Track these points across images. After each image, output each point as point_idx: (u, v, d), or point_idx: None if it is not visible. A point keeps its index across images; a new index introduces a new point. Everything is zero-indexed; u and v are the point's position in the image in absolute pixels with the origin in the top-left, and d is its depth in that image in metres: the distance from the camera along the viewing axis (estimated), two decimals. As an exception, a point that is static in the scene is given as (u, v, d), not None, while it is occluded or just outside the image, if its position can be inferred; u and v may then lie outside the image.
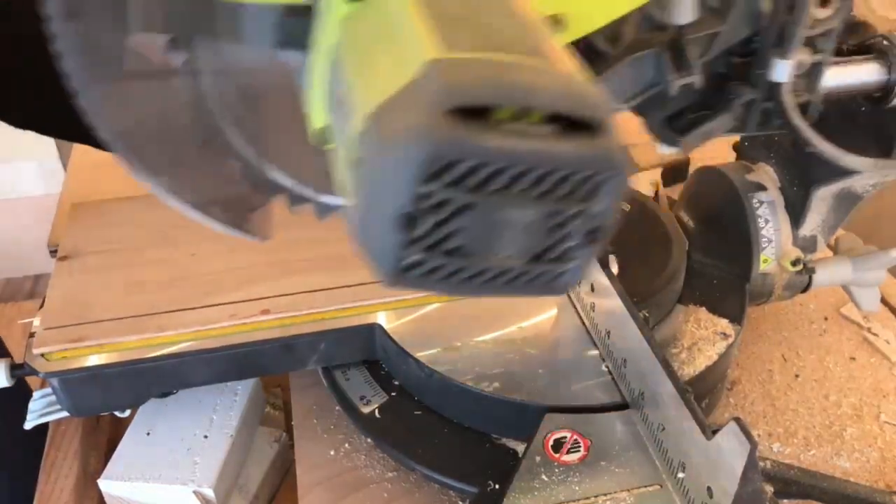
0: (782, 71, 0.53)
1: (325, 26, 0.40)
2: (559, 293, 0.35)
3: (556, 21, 0.42)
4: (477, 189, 0.30)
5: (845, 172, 0.64)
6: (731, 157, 0.76)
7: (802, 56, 0.54)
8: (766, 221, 0.69)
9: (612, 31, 0.51)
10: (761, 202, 0.69)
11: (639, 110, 0.57)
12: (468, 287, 0.33)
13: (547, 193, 0.30)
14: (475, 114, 0.29)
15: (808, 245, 0.70)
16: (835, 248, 0.76)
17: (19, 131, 0.77)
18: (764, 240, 0.69)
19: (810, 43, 0.55)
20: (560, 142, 0.29)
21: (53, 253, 0.89)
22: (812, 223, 0.69)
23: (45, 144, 1.79)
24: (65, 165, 1.80)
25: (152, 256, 0.73)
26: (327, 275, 0.68)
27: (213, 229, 0.55)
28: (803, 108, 0.57)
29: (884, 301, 0.78)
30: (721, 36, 0.53)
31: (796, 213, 0.69)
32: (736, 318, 0.67)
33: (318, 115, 0.41)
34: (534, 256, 0.33)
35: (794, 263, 0.69)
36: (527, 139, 0.29)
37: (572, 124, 0.30)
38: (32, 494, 0.66)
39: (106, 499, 0.67)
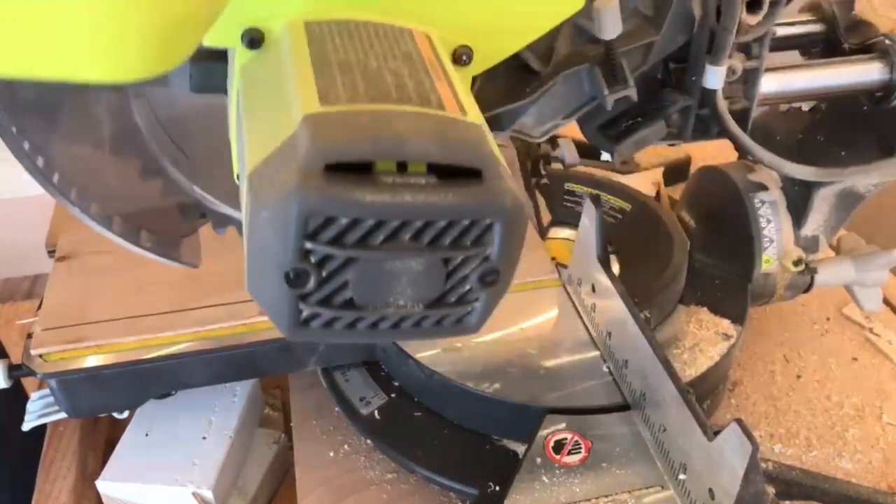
0: (714, 77, 0.53)
1: (231, 74, 0.40)
2: (469, 333, 0.34)
3: (461, 54, 0.42)
4: (358, 244, 0.29)
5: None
6: (732, 156, 0.76)
7: (735, 62, 0.53)
8: (768, 221, 0.69)
9: (545, 48, 0.50)
10: (763, 202, 0.69)
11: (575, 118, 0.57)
12: (373, 335, 0.33)
13: (432, 243, 0.30)
14: (357, 168, 0.28)
15: (810, 245, 0.70)
16: (837, 249, 0.76)
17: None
18: (766, 240, 0.69)
19: (745, 49, 0.54)
20: (439, 192, 0.29)
21: (51, 253, 0.88)
22: (814, 223, 0.68)
23: (45, 144, 1.77)
24: (65, 165, 1.79)
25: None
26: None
27: (142, 255, 0.56)
28: (742, 115, 0.56)
29: (886, 302, 0.78)
30: (657, 45, 0.53)
31: (798, 212, 0.68)
32: (738, 318, 0.67)
33: (236, 163, 0.41)
34: (432, 303, 0.32)
35: (796, 263, 0.69)
36: (404, 191, 0.29)
37: (455, 172, 0.29)
38: (31, 495, 0.66)
39: (104, 500, 0.67)
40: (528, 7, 0.43)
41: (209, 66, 0.42)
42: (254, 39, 0.39)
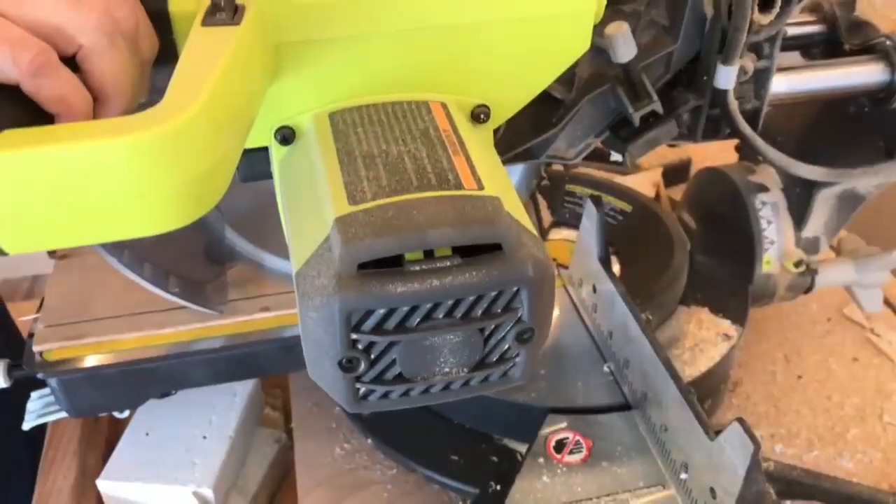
0: (726, 77, 0.53)
1: (273, 169, 0.44)
2: (515, 383, 0.37)
3: (479, 113, 0.44)
4: (398, 329, 0.33)
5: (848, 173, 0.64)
6: (733, 157, 0.76)
7: (746, 62, 0.53)
8: (769, 223, 0.69)
9: (567, 75, 0.50)
10: (764, 203, 0.69)
11: None
12: (426, 399, 0.37)
13: (465, 317, 0.34)
14: (388, 261, 0.32)
15: (811, 246, 0.70)
16: (837, 250, 0.76)
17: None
18: (766, 241, 0.69)
19: (756, 48, 0.54)
20: (463, 272, 0.32)
21: (52, 253, 0.88)
22: (815, 224, 0.69)
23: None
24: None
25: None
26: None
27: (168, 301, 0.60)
28: (753, 115, 0.56)
29: (886, 302, 0.78)
30: (676, 53, 0.53)
31: (799, 214, 0.69)
32: (738, 319, 0.67)
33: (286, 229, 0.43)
34: (474, 366, 0.36)
35: (797, 264, 0.69)
36: (431, 277, 0.32)
37: (478, 248, 0.33)
38: (31, 494, 0.66)
39: (104, 499, 0.67)
40: (536, 61, 0.45)
41: (253, 157, 0.44)
42: (286, 136, 0.42)
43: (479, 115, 0.44)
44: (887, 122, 0.63)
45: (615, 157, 0.56)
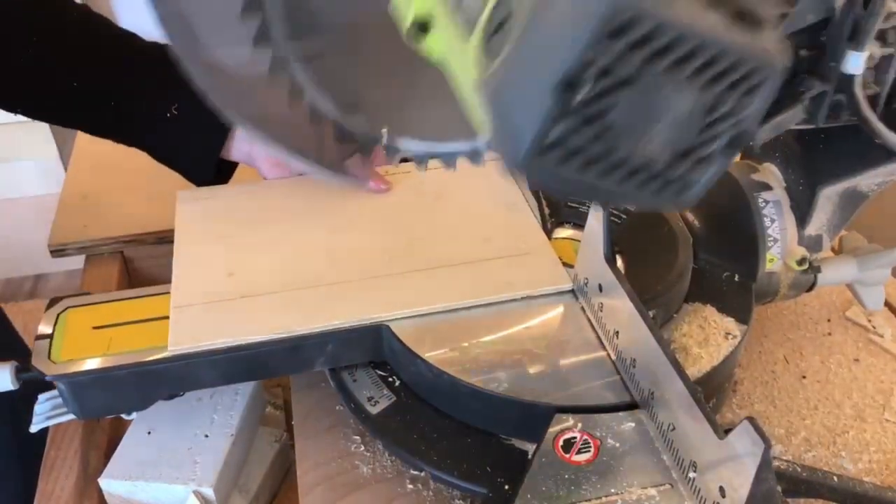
0: (856, 63, 0.52)
1: None
2: (684, 206, 0.34)
3: None
4: (645, 62, 0.29)
5: (851, 171, 0.64)
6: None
7: (873, 49, 0.54)
8: (772, 221, 0.69)
9: None
10: (767, 202, 0.69)
11: None
12: (600, 179, 0.32)
13: (711, 82, 0.30)
14: None
15: (814, 244, 0.70)
16: (839, 248, 0.76)
17: (20, 131, 0.78)
18: (770, 239, 0.69)
19: (881, 36, 0.54)
20: (737, 31, 0.29)
21: (54, 253, 0.88)
22: (818, 222, 0.69)
23: (45, 144, 1.77)
24: (65, 165, 1.78)
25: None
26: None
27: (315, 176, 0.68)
28: (872, 101, 0.56)
29: (886, 303, 0.78)
30: (788, 18, 0.52)
31: (802, 212, 0.69)
32: (742, 317, 0.67)
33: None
34: (679, 153, 0.32)
35: (800, 262, 0.69)
36: (706, 21, 0.28)
37: (751, 20, 0.30)
38: (33, 493, 0.65)
39: (106, 498, 0.67)
40: None
41: None
42: None
43: None
44: (889, 122, 0.63)
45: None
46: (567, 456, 0.53)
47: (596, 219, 0.61)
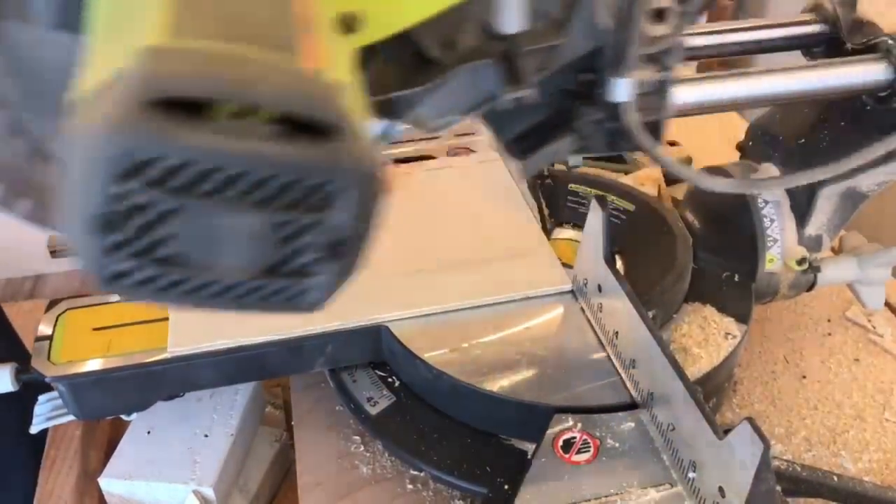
0: (621, 90, 0.51)
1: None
2: (305, 311, 0.31)
3: (351, 20, 0.38)
4: (183, 191, 0.26)
5: (851, 171, 0.64)
6: (735, 156, 0.76)
7: (645, 74, 0.52)
8: (772, 221, 0.69)
9: (447, 37, 0.48)
10: (766, 202, 0.69)
11: (490, 126, 0.56)
12: (194, 300, 0.29)
13: (269, 200, 0.27)
14: (191, 109, 0.25)
15: (813, 244, 0.70)
16: (839, 248, 0.76)
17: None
18: (769, 239, 0.69)
19: (655, 59, 0.52)
20: (283, 145, 0.26)
21: (53, 253, 0.88)
22: (817, 222, 0.69)
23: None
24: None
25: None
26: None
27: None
28: (654, 127, 0.54)
29: (886, 303, 0.78)
30: (560, 50, 0.51)
31: (801, 212, 0.69)
32: (742, 317, 0.67)
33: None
34: (266, 270, 0.29)
35: (800, 262, 0.69)
36: (244, 139, 0.26)
37: (305, 127, 0.26)
38: (33, 493, 0.65)
39: (106, 497, 0.67)
40: None
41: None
42: None
43: (348, 22, 0.38)
44: (889, 121, 0.63)
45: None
46: (567, 456, 0.53)
47: (595, 219, 0.61)
